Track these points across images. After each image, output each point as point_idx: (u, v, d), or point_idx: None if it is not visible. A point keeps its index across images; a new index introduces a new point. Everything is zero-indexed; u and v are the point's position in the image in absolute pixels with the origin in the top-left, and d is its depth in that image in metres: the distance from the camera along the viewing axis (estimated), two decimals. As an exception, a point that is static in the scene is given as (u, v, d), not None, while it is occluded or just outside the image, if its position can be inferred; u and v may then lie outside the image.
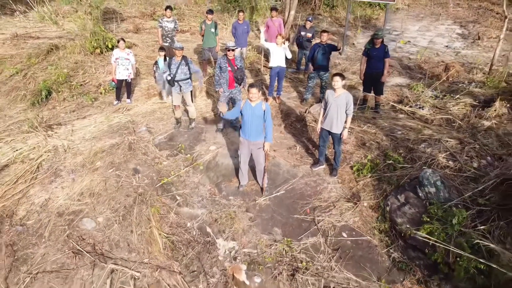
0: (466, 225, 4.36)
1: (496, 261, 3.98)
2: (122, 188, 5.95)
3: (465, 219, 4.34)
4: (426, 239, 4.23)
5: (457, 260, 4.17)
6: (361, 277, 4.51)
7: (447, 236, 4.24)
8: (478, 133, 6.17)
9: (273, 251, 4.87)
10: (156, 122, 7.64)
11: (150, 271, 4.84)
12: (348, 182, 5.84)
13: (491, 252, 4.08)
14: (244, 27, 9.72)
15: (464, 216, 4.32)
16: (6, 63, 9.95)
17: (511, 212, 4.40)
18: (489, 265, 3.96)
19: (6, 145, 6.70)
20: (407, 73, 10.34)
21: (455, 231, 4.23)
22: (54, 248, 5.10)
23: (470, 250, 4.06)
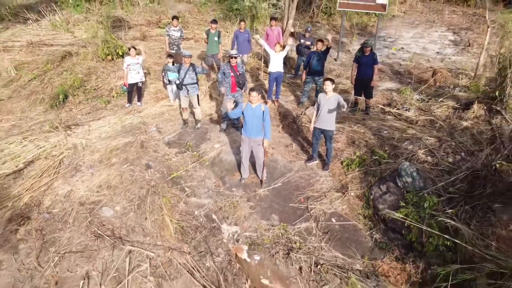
0: (437, 209, 5.04)
1: (461, 238, 4.67)
2: (136, 181, 6.65)
3: (436, 204, 5.03)
4: (402, 219, 4.92)
5: (429, 239, 4.86)
6: (347, 255, 5.20)
7: (420, 218, 4.93)
8: (455, 132, 6.88)
9: (271, 234, 5.56)
10: (165, 123, 8.36)
11: (163, 251, 5.52)
12: (338, 176, 6.54)
13: (457, 231, 4.77)
14: (245, 35, 10.44)
15: (434, 202, 5.02)
16: (24, 69, 10.70)
17: (475, 198, 5.09)
18: (455, 242, 4.66)
19: (31, 143, 7.41)
20: (397, 78, 11.06)
21: (427, 214, 4.92)
22: (78, 232, 5.79)
23: (438, 229, 4.74)
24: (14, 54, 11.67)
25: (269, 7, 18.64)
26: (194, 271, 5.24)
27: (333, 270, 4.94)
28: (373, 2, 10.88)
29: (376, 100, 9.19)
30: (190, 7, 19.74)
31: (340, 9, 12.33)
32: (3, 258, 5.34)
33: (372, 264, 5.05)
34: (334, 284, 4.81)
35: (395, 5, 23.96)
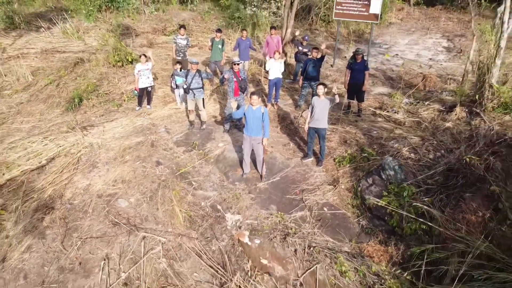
0: (415, 198, 5.73)
1: (435, 223, 5.35)
2: (148, 176, 7.35)
3: (414, 194, 5.72)
4: (385, 207, 5.61)
5: (408, 224, 5.54)
6: (336, 239, 5.88)
7: (400, 206, 5.62)
8: (438, 132, 7.57)
9: (270, 222, 6.24)
10: (173, 124, 9.08)
11: (173, 237, 6.20)
12: (331, 171, 7.23)
13: (432, 217, 5.45)
14: (246, 43, 11.19)
15: (413, 191, 5.71)
16: (40, 74, 11.45)
17: (450, 188, 5.78)
18: (431, 226, 5.34)
19: (51, 142, 8.13)
20: (389, 83, 11.78)
21: (406, 202, 5.60)
22: (97, 220, 6.47)
23: (416, 215, 5.43)
24: (30, 61, 12.43)
25: (269, 15, 19.44)
26: (201, 254, 5.92)
27: (324, 251, 5.62)
28: (366, 12, 11.62)
29: (368, 103, 9.90)
30: (194, 15, 20.55)
31: (335, 19, 13.04)
32: (32, 243, 6.03)
33: (359, 246, 5.73)
34: (325, 263, 5.48)
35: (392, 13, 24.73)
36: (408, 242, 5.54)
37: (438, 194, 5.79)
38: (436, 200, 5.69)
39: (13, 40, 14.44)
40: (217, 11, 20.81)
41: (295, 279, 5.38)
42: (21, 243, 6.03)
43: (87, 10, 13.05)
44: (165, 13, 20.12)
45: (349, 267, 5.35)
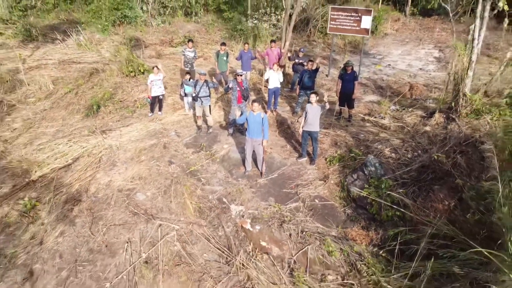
0: (392, 190, 6.73)
1: (408, 210, 6.35)
2: (162, 173, 8.36)
3: (391, 186, 6.71)
4: (366, 197, 6.60)
5: (385, 211, 6.54)
6: (325, 226, 6.86)
7: (379, 196, 6.61)
8: (417, 135, 8.58)
9: (268, 211, 7.24)
10: (182, 128, 10.12)
11: (185, 225, 7.19)
12: (322, 169, 8.24)
13: (406, 205, 6.44)
14: (248, 55, 12.25)
15: (390, 184, 6.71)
16: (59, 83, 12.53)
17: (422, 182, 6.78)
18: (404, 212, 6.33)
19: (75, 144, 9.17)
20: (379, 91, 12.81)
21: (384, 193, 6.60)
22: (119, 211, 7.47)
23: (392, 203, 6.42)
24: (49, 71, 13.52)
25: (270, 27, 20.58)
26: (209, 238, 6.91)
27: (314, 235, 6.61)
28: (358, 27, 12.70)
29: (358, 110, 10.94)
30: (198, 27, 21.73)
31: (330, 33, 14.12)
32: (64, 229, 7.03)
33: (344, 231, 6.71)
34: (315, 245, 6.47)
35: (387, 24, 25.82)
36: (385, 226, 6.53)
37: (412, 186, 6.79)
38: (409, 191, 6.69)
39: (32, 52, 15.57)
40: (220, 23, 21.98)
41: (290, 258, 6.37)
42: (54, 229, 7.03)
43: (102, 24, 14.11)
44: (171, 25, 21.28)
45: (335, 248, 6.33)
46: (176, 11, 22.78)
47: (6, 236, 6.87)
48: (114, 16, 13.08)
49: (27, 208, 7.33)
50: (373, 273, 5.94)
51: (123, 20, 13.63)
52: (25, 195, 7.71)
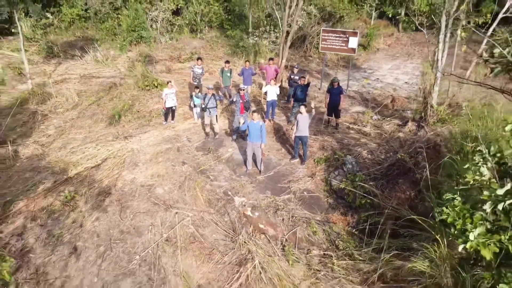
0: (365, 183, 8.34)
1: (377, 198, 7.95)
2: (176, 172, 9.98)
3: (364, 180, 8.32)
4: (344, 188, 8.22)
5: (359, 199, 8.14)
6: (311, 212, 8.46)
7: (354, 187, 8.23)
8: (391, 140, 10.21)
9: (265, 201, 8.84)
10: (193, 135, 11.78)
11: (197, 212, 8.77)
12: (311, 168, 9.86)
13: (375, 194, 8.05)
14: (249, 71, 13.95)
15: (362, 178, 8.32)
16: (83, 96, 14.25)
17: (389, 177, 8.39)
18: (374, 200, 7.93)
19: (102, 148, 10.81)
20: (365, 103, 14.48)
21: (358, 185, 8.21)
22: (142, 202, 9.06)
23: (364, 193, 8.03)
24: (72, 84, 15.26)
25: (269, 44, 22.36)
26: (217, 223, 8.49)
27: (302, 219, 8.20)
28: (346, 46, 14.43)
29: (345, 119, 12.59)
30: (203, 43, 23.56)
31: (322, 51, 15.86)
32: (99, 215, 8.61)
33: (326, 216, 8.31)
34: (302, 227, 8.06)
35: (380, 39, 27.58)
36: (359, 211, 8.13)
37: (381, 180, 8.40)
38: (379, 184, 8.30)
39: (55, 67, 17.34)
40: (223, 39, 23.80)
41: (282, 237, 7.95)
42: (91, 215, 8.63)
43: (120, 44, 15.87)
44: (178, 41, 23.12)
45: (318, 229, 7.93)
46: (183, 29, 24.65)
47: (52, 221, 8.46)
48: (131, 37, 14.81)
49: (68, 199, 8.94)
50: (348, 247, 7.52)
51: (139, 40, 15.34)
52: (65, 188, 9.32)
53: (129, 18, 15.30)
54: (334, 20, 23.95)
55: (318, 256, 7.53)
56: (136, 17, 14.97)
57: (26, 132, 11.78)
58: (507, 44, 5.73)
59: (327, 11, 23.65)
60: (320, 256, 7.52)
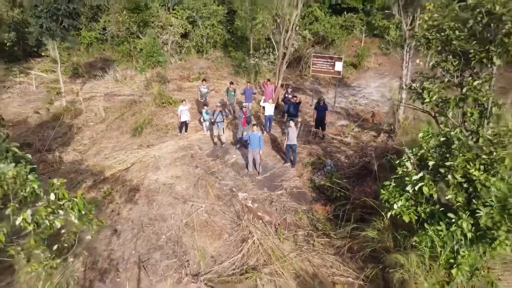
0: (340, 180, 10.70)
1: (349, 192, 10.31)
2: (191, 174, 12.34)
3: (339, 178, 10.68)
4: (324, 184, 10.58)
5: (335, 193, 10.50)
6: (299, 204, 10.79)
7: (331, 183, 10.59)
8: (365, 148, 12.60)
9: (263, 196, 11.18)
10: (203, 144, 14.19)
11: (209, 204, 11.09)
12: (300, 170, 12.24)
13: (348, 189, 10.41)
14: (250, 90, 16.42)
15: (338, 176, 10.68)
16: (109, 111, 16.72)
17: (359, 176, 10.75)
18: (346, 194, 10.28)
19: (130, 155, 13.22)
20: (349, 118, 16.92)
21: (334, 182, 10.57)
22: (165, 196, 11.41)
23: (339, 188, 10.39)
24: (98, 102, 17.76)
25: (268, 64, 24.95)
26: (225, 212, 10.81)
27: (291, 209, 10.54)
28: (332, 69, 16.95)
29: (330, 131, 15.01)
30: (209, 63, 26.16)
31: (312, 74, 18.39)
32: (132, 206, 10.95)
33: (310, 206, 10.64)
34: (291, 214, 10.38)
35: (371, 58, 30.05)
36: (335, 202, 10.47)
37: (353, 178, 10.77)
38: (351, 181, 10.67)
39: (81, 86, 19.90)
40: (227, 59, 26.41)
41: (275, 222, 10.26)
42: (125, 206, 10.96)
43: (140, 67, 18.41)
44: (186, 62, 25.74)
45: (303, 215, 10.25)
46: (190, 50, 27.30)
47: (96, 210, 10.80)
48: (149, 61, 17.36)
49: (106, 194, 11.31)
50: (325, 229, 9.83)
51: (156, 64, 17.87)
52: (103, 186, 11.70)
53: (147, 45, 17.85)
54: (326, 43, 26.60)
55: (302, 236, 9.82)
56: (154, 44, 17.53)
57: (66, 142, 14.21)
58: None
59: (320, 35, 26.31)
60: (304, 235, 9.82)
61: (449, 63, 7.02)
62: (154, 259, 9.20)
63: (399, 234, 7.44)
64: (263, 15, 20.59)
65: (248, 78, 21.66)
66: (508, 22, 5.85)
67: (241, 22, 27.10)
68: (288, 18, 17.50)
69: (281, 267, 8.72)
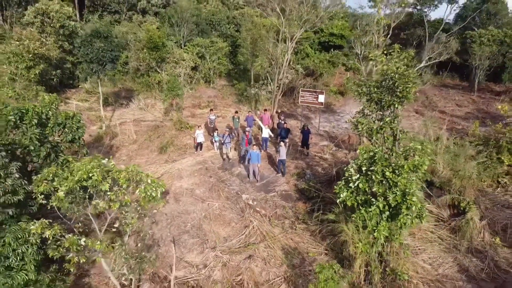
0: (316, 184, 14.82)
1: (322, 193, 14.43)
2: (206, 181, 16.45)
3: (315, 182, 14.80)
4: (304, 187, 14.71)
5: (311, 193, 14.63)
6: (287, 202, 14.88)
7: (309, 187, 14.71)
8: (338, 163, 16.73)
9: (260, 197, 15.29)
10: (214, 159, 18.37)
11: (221, 203, 15.14)
12: (288, 178, 16.37)
13: (321, 191, 14.54)
14: (251, 118, 20.67)
15: (314, 182, 14.80)
16: (138, 134, 20.96)
17: (330, 181, 14.88)
18: (319, 194, 14.40)
19: (160, 167, 17.37)
20: (330, 139, 21.14)
21: (311, 185, 14.69)
22: (188, 198, 15.47)
23: (315, 190, 14.51)
24: (128, 126, 22.03)
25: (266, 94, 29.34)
26: (232, 208, 14.86)
27: (280, 205, 14.64)
28: (316, 101, 21.29)
29: (313, 150, 19.19)
30: (216, 92, 30.64)
31: (300, 104, 22.73)
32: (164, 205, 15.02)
33: (295, 204, 14.73)
34: (280, 209, 14.47)
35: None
36: (312, 200, 14.57)
37: (325, 183, 14.90)
38: (323, 185, 14.80)
39: (112, 113, 24.24)
40: (231, 89, 30.87)
41: (269, 215, 14.32)
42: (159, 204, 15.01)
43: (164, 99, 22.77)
44: (196, 91, 30.22)
45: (289, 210, 14.34)
46: (199, 80, 31.83)
47: (139, 207, 14.85)
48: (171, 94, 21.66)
49: (145, 196, 15.37)
50: (304, 218, 13.89)
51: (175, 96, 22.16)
52: (142, 190, 15.78)
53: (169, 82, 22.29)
54: (316, 75, 31.14)
55: (288, 223, 13.86)
56: (174, 81, 21.94)
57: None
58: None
59: (310, 69, 30.87)
60: (289, 223, 13.86)
61: (371, 107, 11.27)
62: (183, 238, 13.23)
63: (346, 214, 11.52)
64: (260, 59, 25.03)
65: (249, 106, 26.02)
66: (400, 85, 10.10)
67: (243, 57, 31.73)
68: (281, 61, 22.01)
69: (272, 243, 12.75)
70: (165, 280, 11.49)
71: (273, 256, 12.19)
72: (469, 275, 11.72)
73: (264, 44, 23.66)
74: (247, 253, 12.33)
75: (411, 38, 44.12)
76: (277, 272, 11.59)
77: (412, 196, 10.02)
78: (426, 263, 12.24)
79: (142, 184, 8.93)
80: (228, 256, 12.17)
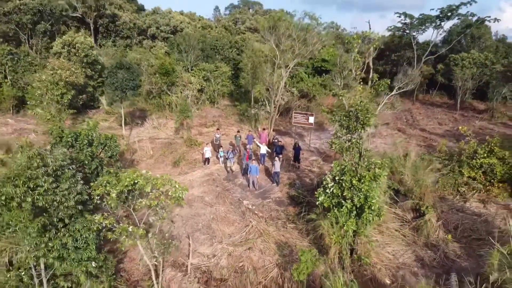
0: (303, 191, 18.16)
1: (308, 198, 17.76)
2: (214, 190, 19.78)
3: (303, 190, 18.14)
4: (294, 194, 18.05)
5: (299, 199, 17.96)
6: (280, 206, 18.19)
7: (298, 194, 18.04)
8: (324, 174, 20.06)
9: (258, 202, 18.61)
10: (220, 172, 21.74)
11: (226, 207, 18.43)
12: (282, 187, 19.71)
13: (307, 197, 17.88)
14: (251, 137, 24.09)
15: (301, 189, 18.14)
16: (154, 150, 24.38)
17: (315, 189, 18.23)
18: (306, 198, 17.73)
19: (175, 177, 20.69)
20: (319, 154, 24.52)
21: (300, 193, 18.02)
22: (199, 203, 18.77)
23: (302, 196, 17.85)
24: (145, 143, 25.47)
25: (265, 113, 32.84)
26: (235, 211, 18.15)
27: (275, 209, 17.95)
28: (307, 121, 24.75)
29: (304, 164, 22.55)
30: (220, 111, 34.21)
31: (293, 124, 26.21)
32: (180, 209, 18.32)
33: (286, 208, 18.04)
34: (275, 211, 17.78)
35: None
36: (300, 204, 17.89)
37: (311, 191, 18.24)
38: (309, 192, 18.14)
39: (129, 132, 27.73)
40: (233, 109, 34.41)
41: (266, 216, 17.61)
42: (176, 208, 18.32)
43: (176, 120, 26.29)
44: (202, 111, 33.78)
45: (282, 213, 17.64)
46: (205, 101, 35.42)
47: (159, 210, 18.19)
48: (182, 115, 25.16)
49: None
50: (294, 219, 17.19)
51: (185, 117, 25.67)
52: (161, 197, 19.15)
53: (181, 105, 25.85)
54: (309, 97, 34.72)
55: (281, 223, 17.13)
56: (185, 104, 25.51)
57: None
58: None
59: (304, 91, 34.47)
60: (282, 223, 17.13)
61: (342, 131, 14.72)
62: (196, 235, 16.51)
63: (324, 214, 14.83)
64: (259, 86, 28.64)
65: (250, 125, 29.52)
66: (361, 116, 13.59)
67: (244, 80, 35.39)
68: (277, 86, 25.61)
69: (267, 238, 16.03)
70: (183, 266, 14.73)
71: (268, 248, 15.43)
72: (423, 263, 14.92)
73: (262, 73, 27.26)
74: (247, 246, 15.56)
75: (401, 59, 47.99)
76: (271, 260, 14.80)
77: (372, 199, 13.32)
78: (390, 254, 15.47)
79: (172, 187, 12.20)
80: (232, 248, 15.40)
